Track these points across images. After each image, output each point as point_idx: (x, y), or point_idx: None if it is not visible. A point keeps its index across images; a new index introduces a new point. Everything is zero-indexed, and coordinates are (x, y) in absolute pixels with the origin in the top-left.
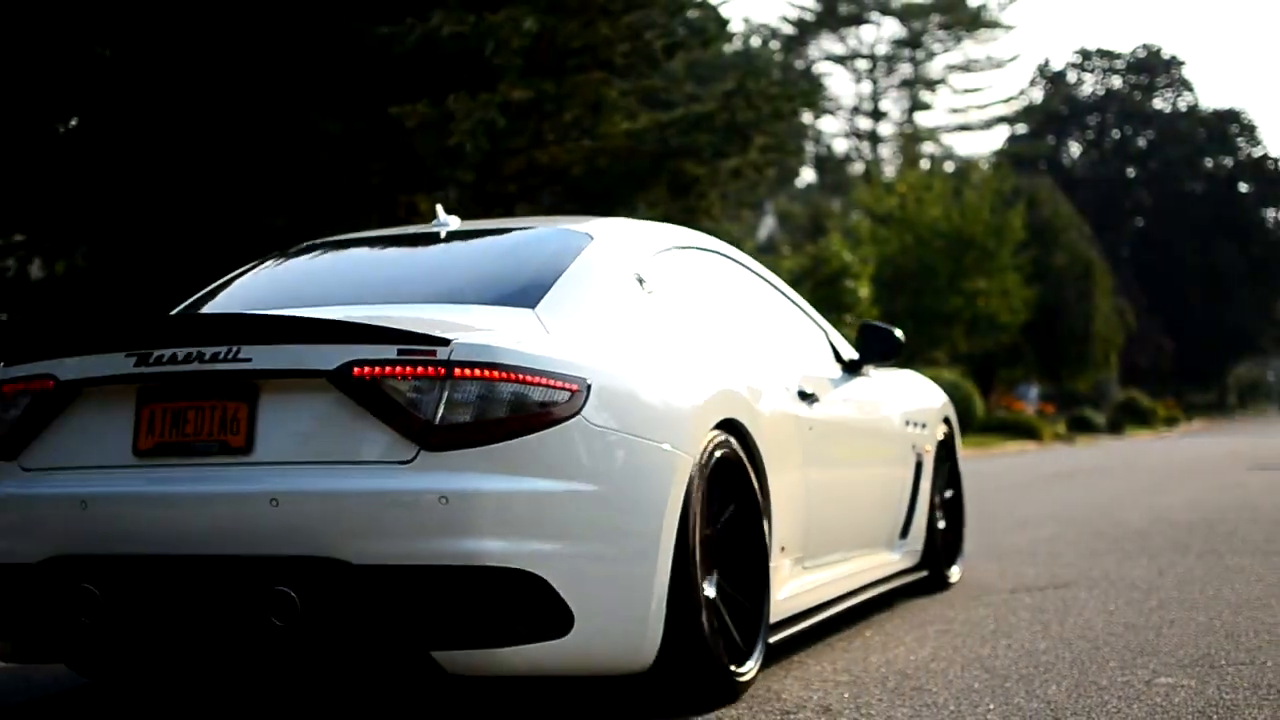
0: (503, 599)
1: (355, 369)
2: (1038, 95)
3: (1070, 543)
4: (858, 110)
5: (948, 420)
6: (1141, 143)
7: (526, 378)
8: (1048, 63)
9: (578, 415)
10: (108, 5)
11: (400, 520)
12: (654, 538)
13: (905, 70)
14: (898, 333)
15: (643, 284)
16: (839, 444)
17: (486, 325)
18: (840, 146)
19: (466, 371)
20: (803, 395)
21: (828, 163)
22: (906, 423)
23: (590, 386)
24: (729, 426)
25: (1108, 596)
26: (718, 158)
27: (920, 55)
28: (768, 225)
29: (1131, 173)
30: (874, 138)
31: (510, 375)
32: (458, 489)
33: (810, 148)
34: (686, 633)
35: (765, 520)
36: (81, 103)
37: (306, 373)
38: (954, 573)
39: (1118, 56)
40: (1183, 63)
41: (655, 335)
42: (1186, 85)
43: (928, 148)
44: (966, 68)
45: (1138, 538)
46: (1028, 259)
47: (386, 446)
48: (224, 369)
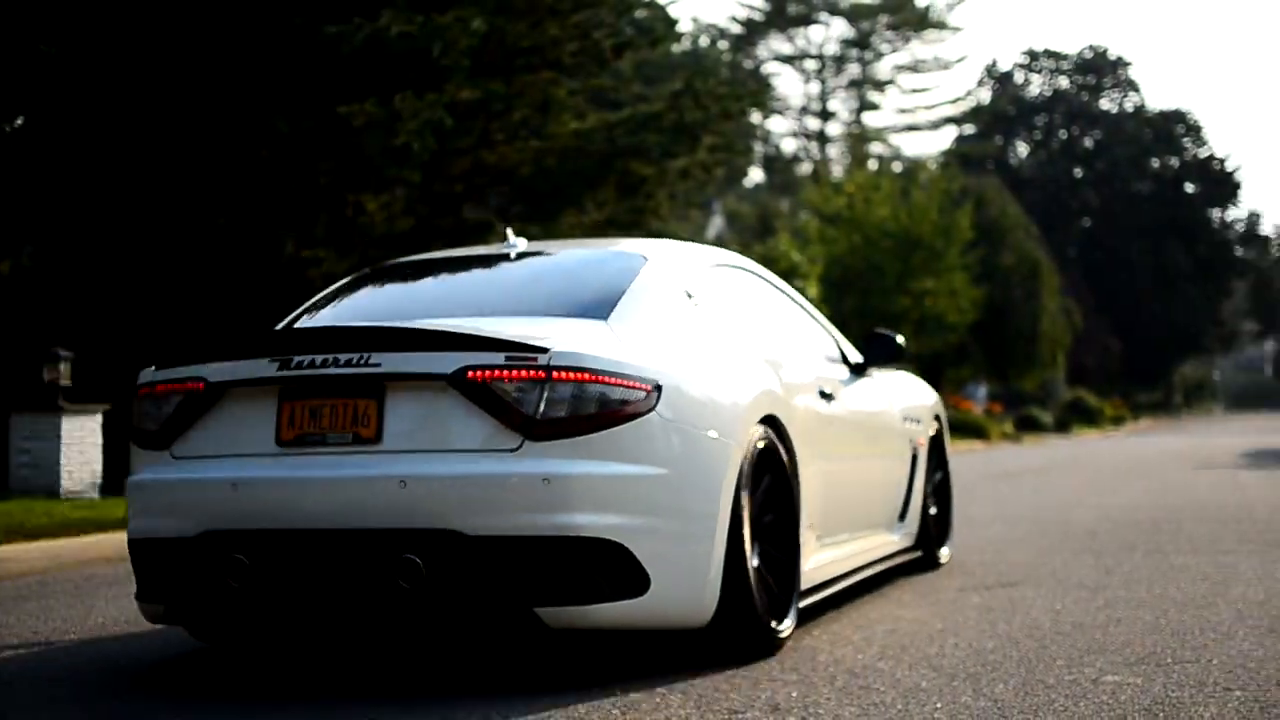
0: (593, 564)
1: (470, 372)
2: (985, 96)
3: (1017, 542)
4: (806, 110)
5: (938, 417)
6: (1088, 143)
7: (611, 379)
8: (995, 63)
9: (652, 411)
10: (51, 2)
11: (508, 498)
12: (713, 515)
13: (853, 71)
14: (899, 339)
15: (691, 298)
16: (851, 438)
17: (573, 335)
18: (789, 146)
19: (562, 374)
20: (823, 394)
21: (776, 163)
22: (905, 419)
23: (660, 387)
24: (769, 421)
25: (1055, 595)
26: (666, 157)
27: (868, 56)
28: (716, 225)
29: (1079, 173)
30: (822, 138)
31: (598, 378)
32: (557, 472)
33: (759, 148)
34: (738, 595)
35: (797, 502)
36: (26, 101)
37: (429, 376)
38: (944, 553)
39: (1065, 57)
40: (1129, 64)
41: (704, 342)
42: (1133, 86)
43: (876, 148)
44: (914, 68)
45: (1085, 537)
46: (975, 259)
47: (496, 437)
48: (358, 373)
